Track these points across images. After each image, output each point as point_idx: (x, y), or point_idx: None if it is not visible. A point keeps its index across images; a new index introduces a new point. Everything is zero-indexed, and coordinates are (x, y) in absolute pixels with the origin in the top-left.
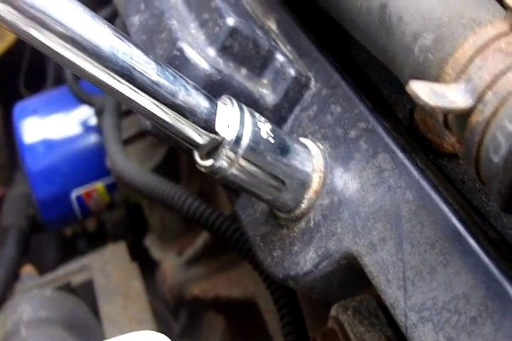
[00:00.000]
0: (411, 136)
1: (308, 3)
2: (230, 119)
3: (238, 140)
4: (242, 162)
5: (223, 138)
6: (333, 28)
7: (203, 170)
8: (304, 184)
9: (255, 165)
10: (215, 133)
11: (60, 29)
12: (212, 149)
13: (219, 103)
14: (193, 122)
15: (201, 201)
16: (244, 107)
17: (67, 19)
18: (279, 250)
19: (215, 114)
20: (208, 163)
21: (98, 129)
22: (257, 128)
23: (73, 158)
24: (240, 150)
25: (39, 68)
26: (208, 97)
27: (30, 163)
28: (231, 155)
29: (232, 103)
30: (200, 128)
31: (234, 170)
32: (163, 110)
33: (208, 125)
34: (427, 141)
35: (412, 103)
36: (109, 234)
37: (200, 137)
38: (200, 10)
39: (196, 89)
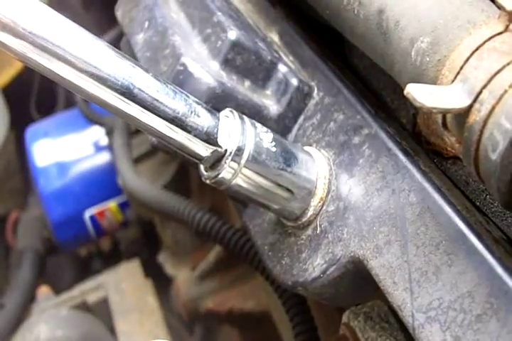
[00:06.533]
0: (414, 141)
1: (308, 14)
2: (232, 131)
3: (240, 150)
4: (246, 172)
5: (226, 150)
6: (334, 37)
7: (208, 181)
8: (309, 192)
9: (259, 174)
10: (218, 145)
11: (59, 52)
12: (216, 161)
13: (220, 116)
14: (195, 136)
15: (210, 214)
16: (245, 118)
17: (66, 42)
18: (287, 258)
19: (217, 127)
20: (213, 174)
21: (109, 149)
22: (258, 139)
23: (86, 178)
24: (243, 161)
25: (49, 92)
26: (209, 111)
27: (43, 186)
28: (234, 165)
29: (234, 115)
30: (202, 142)
31: (238, 181)
32: (165, 125)
33: (210, 138)
34: (431, 144)
35: (415, 108)
36: (123, 252)
37: (203, 150)
38: (203, 25)
39: (197, 103)
